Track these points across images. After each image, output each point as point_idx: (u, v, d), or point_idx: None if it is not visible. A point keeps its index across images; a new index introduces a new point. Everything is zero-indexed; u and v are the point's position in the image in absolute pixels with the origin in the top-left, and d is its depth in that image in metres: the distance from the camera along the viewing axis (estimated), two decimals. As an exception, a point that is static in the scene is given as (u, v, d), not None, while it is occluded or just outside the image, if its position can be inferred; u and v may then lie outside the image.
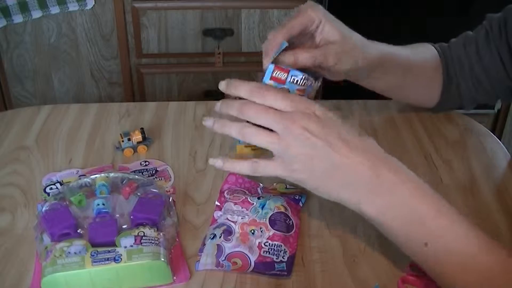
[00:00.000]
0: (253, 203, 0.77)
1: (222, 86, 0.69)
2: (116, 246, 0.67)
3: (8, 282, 0.69)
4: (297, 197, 0.81)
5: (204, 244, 0.73)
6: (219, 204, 0.79)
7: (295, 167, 0.66)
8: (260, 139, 0.66)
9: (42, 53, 1.86)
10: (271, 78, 0.71)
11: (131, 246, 0.67)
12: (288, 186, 0.83)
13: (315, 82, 0.74)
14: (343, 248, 0.74)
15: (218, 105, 0.69)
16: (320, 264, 0.72)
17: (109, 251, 0.66)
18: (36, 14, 1.76)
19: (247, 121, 0.67)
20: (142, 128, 0.92)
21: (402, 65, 0.90)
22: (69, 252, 0.66)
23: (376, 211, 0.65)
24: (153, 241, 0.68)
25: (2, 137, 0.95)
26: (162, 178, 0.86)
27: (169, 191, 0.82)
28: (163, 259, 0.67)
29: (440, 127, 0.98)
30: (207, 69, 1.89)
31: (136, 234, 0.69)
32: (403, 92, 0.96)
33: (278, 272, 0.70)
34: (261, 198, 0.78)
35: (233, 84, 0.68)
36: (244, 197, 0.79)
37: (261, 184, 0.84)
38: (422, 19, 1.75)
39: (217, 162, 0.70)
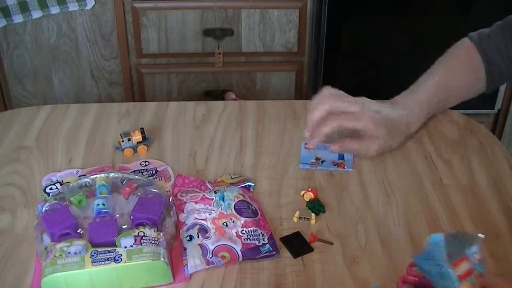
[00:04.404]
0: (213, 198, 0.78)
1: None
2: (116, 246, 0.67)
3: (8, 282, 0.69)
4: (246, 184, 0.83)
5: (184, 248, 0.72)
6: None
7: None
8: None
9: (42, 53, 1.86)
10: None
11: (131, 246, 0.67)
12: (233, 176, 0.85)
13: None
14: (343, 248, 0.74)
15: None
16: (320, 264, 0.72)
17: (109, 251, 0.66)
18: (36, 14, 1.76)
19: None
20: (142, 128, 0.92)
21: (448, 90, 0.95)
22: (69, 252, 0.66)
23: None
24: (153, 241, 0.68)
25: (2, 137, 0.95)
26: (162, 178, 0.86)
27: (169, 191, 0.82)
28: (163, 259, 0.67)
29: (440, 127, 0.98)
30: (207, 69, 1.89)
31: (136, 234, 0.69)
32: (458, 100, 0.99)
33: (267, 254, 0.71)
34: (217, 191, 0.79)
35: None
36: (201, 195, 0.79)
37: (207, 180, 0.84)
38: (422, 19, 1.75)
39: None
